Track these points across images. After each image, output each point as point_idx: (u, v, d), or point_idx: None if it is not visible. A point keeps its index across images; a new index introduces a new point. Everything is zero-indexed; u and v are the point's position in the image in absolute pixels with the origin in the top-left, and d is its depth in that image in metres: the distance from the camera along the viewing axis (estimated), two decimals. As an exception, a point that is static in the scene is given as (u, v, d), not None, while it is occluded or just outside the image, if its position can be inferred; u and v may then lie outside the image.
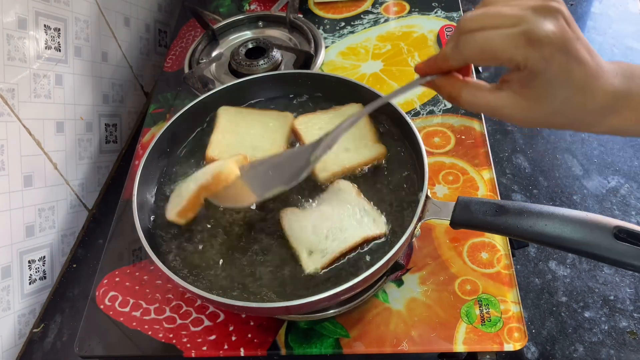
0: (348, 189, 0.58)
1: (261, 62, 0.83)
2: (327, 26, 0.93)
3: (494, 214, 0.49)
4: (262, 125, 0.66)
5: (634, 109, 0.39)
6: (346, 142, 0.62)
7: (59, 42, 0.75)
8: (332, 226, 0.55)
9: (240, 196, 0.54)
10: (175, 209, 0.57)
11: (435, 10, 0.92)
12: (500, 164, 0.84)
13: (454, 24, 0.88)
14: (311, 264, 0.53)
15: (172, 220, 0.57)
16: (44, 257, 0.72)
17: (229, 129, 0.66)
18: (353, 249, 0.54)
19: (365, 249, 0.54)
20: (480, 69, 0.93)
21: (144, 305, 0.61)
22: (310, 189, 0.60)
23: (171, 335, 0.58)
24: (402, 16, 0.93)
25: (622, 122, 0.40)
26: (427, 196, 0.52)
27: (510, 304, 0.56)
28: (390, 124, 0.65)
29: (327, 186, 0.59)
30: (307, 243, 0.55)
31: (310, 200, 0.59)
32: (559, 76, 0.38)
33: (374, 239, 0.54)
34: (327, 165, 0.60)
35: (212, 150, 0.63)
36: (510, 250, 0.60)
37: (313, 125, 0.64)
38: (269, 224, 0.57)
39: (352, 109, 0.66)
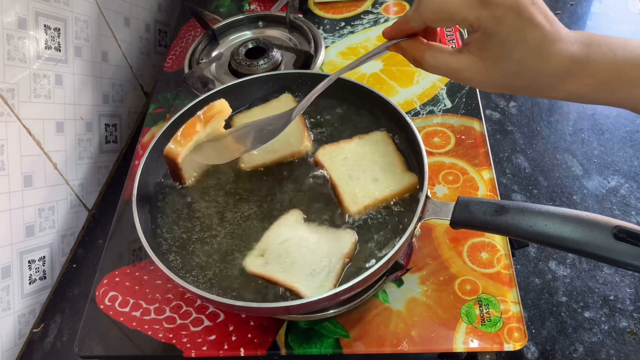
0: (347, 242, 0.54)
1: (261, 62, 0.83)
2: (327, 26, 0.93)
3: (494, 214, 0.49)
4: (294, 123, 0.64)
5: (590, 74, 0.40)
6: (373, 172, 0.59)
7: (59, 42, 0.75)
8: (293, 254, 0.53)
9: (232, 149, 0.58)
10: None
11: (435, 10, 0.92)
12: (500, 164, 0.84)
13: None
14: (248, 263, 0.53)
15: (167, 152, 0.57)
16: (44, 257, 0.72)
17: (269, 112, 0.65)
18: (281, 285, 0.51)
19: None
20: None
21: (144, 305, 0.61)
22: (340, 219, 0.57)
23: (171, 335, 0.58)
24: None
25: (578, 87, 0.41)
26: (427, 196, 0.52)
27: (510, 304, 0.56)
28: (389, 124, 0.64)
29: (342, 225, 0.56)
30: (266, 245, 0.54)
31: (318, 222, 0.57)
32: (511, 37, 0.39)
33: (297, 295, 0.50)
34: (357, 197, 0.57)
35: (237, 117, 0.68)
36: (510, 250, 0.60)
37: (337, 155, 0.61)
38: (269, 222, 0.57)
39: (377, 136, 0.63)
